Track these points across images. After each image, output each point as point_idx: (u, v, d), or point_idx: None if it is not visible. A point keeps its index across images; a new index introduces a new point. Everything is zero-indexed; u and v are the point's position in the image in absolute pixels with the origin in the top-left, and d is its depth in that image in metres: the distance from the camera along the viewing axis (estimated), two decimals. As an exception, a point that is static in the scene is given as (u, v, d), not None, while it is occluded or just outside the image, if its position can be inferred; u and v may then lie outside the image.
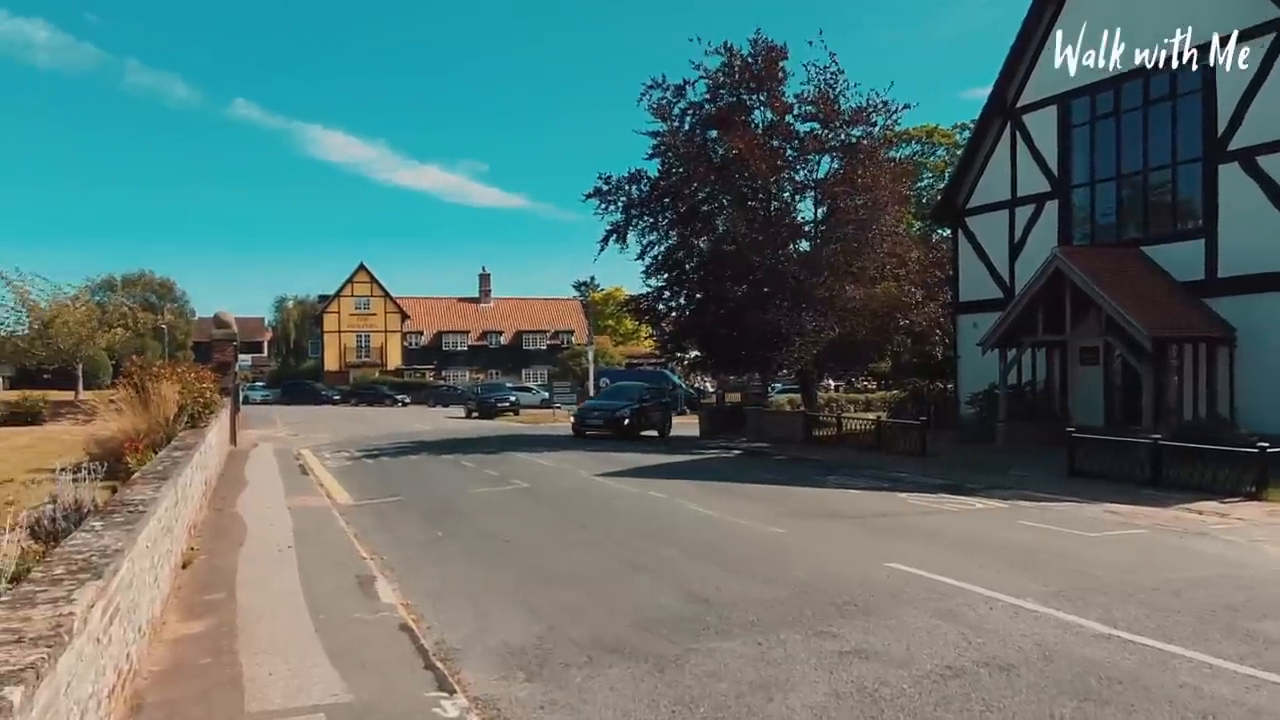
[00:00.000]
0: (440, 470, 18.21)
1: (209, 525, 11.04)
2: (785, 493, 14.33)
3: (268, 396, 61.21)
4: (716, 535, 10.24)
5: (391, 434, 29.95)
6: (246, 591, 7.49)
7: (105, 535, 4.85)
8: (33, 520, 6.54)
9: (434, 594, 7.68)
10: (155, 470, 7.75)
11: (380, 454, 22.21)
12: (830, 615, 6.67)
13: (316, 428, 33.44)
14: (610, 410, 27.17)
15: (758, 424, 26.10)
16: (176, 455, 9.21)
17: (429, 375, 70.63)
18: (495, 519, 11.84)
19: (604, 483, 15.65)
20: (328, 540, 10.11)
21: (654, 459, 20.17)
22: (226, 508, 12.65)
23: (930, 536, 10.16)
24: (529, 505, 13.11)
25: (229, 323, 25.86)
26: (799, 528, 10.70)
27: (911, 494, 14.09)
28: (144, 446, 10.83)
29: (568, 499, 13.74)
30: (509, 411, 44.02)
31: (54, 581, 3.82)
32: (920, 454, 19.93)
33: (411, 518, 12.16)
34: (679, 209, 26.33)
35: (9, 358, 40.53)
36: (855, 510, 12.25)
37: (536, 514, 12.27)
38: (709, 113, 25.97)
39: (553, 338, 75.80)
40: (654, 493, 14.03)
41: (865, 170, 24.96)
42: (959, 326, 24.76)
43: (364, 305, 72.19)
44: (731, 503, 12.93)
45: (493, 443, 25.42)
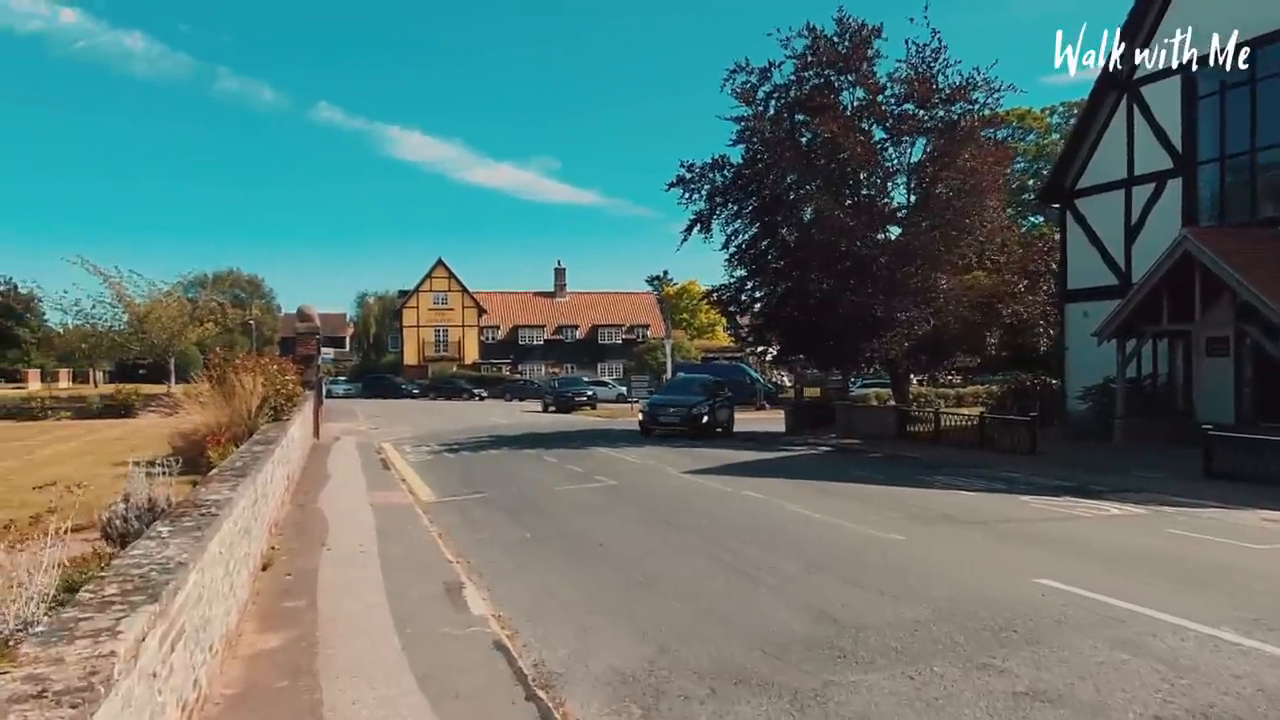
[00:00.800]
0: (522, 466, 17.67)
1: (291, 522, 10.63)
2: (891, 494, 13.27)
3: (349, 390, 62.19)
4: (829, 541, 9.32)
5: (470, 428, 29.72)
6: (328, 598, 6.93)
7: (171, 544, 4.26)
8: (105, 520, 6.07)
9: (528, 605, 7.00)
10: (233, 467, 7.26)
11: (460, 448, 21.85)
12: (988, 643, 5.72)
13: (397, 421, 33.51)
14: (686, 406, 24.84)
15: (847, 419, 24.92)
16: (257, 450, 8.76)
17: (505, 369, 70.91)
18: (585, 519, 11.14)
19: (695, 481, 14.84)
20: (411, 540, 9.55)
21: (742, 456, 19.28)
22: (309, 503, 12.28)
23: (1072, 546, 9.04)
24: (619, 504, 12.39)
25: (312, 316, 25.90)
26: (919, 534, 9.70)
27: (1032, 496, 12.88)
28: (225, 440, 10.49)
29: (659, 498, 12.96)
30: (586, 406, 43.59)
31: (103, 605, 3.20)
32: (1030, 452, 18.55)
33: (497, 517, 11.56)
34: (763, 197, 25.28)
35: (107, 353, 41.88)
36: (974, 514, 11.14)
37: (628, 514, 11.53)
38: (795, 96, 24.83)
39: (628, 332, 75.33)
40: (750, 492, 13.15)
41: (965, 151, 23.48)
42: (1066, 316, 23.13)
43: (442, 300, 72.89)
44: (836, 504, 11.96)
45: (573, 438, 24.87)
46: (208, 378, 12.43)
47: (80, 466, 12.78)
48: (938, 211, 24.00)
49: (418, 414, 39.09)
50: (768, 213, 25.31)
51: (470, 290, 73.77)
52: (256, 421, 11.66)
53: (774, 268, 26.24)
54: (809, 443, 23.30)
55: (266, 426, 11.39)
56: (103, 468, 12.06)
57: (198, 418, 11.73)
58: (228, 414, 11.44)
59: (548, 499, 13.05)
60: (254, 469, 7.42)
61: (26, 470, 13.05)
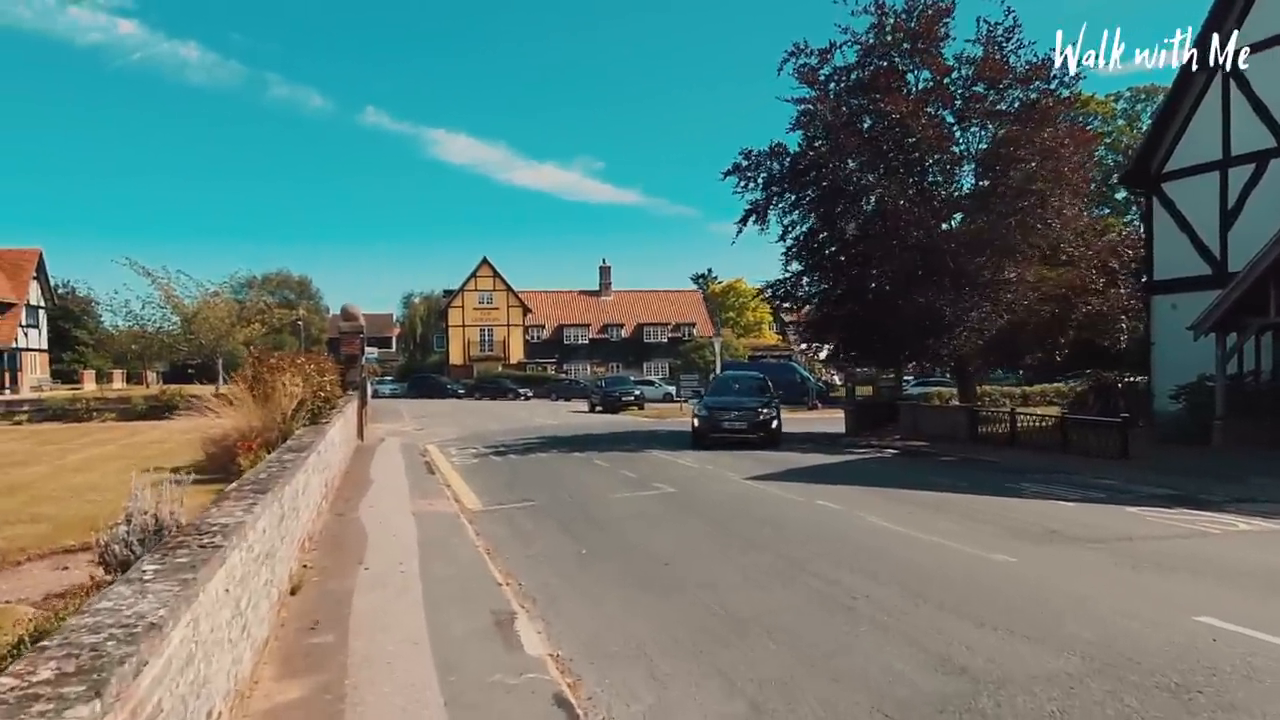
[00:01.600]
0: (572, 470, 16.73)
1: (328, 535, 9.79)
2: (980, 504, 12.04)
3: (396, 390, 62.15)
4: (929, 563, 8.17)
5: (517, 429, 28.93)
6: (361, 634, 6.00)
7: (151, 591, 3.34)
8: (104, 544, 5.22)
9: (590, 643, 6.00)
10: (255, 480, 6.39)
11: (507, 451, 21.02)
12: (1171, 710, 4.56)
13: (442, 422, 32.90)
14: (751, 409, 21.28)
15: (912, 420, 23.56)
16: (287, 459, 7.90)
17: (550, 369, 70.29)
18: (646, 532, 10.13)
19: (759, 488, 13.73)
20: (456, 556, 8.64)
21: (805, 459, 18.11)
22: (349, 512, 11.48)
23: (1217, 571, 7.78)
24: (681, 515, 11.35)
25: (356, 315, 25.32)
26: (1031, 555, 8.50)
27: (1139, 508, 11.54)
28: (258, 445, 9.69)
29: (724, 508, 11.89)
30: (633, 406, 42.61)
31: (26, 699, 2.26)
32: (1120, 457, 17.11)
33: (548, 528, 10.61)
34: (822, 186, 24.00)
35: (157, 354, 42.02)
36: (1086, 530, 9.88)
37: (692, 527, 10.48)
38: (858, 79, 23.51)
39: (674, 330, 74.18)
40: (824, 501, 12.01)
41: (1042, 134, 21.96)
42: (1152, 309, 21.51)
43: (487, 299, 72.50)
44: (924, 517, 10.78)
45: (623, 439, 23.90)
46: (242, 378, 11.67)
47: (109, 473, 12.14)
48: (1011, 199, 22.50)
49: (463, 414, 38.49)
50: (827, 203, 24.02)
51: (515, 289, 73.28)
52: (292, 425, 10.86)
53: (832, 262, 24.94)
54: (872, 445, 22.03)
55: (302, 431, 10.58)
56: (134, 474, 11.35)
57: (228, 422, 10.96)
58: (261, 417, 10.65)
59: (602, 508, 12.07)
60: (280, 482, 6.54)
61: (54, 476, 12.47)
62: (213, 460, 10.57)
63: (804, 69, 22.86)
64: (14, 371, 49.75)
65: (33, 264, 52.45)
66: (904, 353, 24.19)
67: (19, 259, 51.85)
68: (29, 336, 52.36)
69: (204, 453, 11.45)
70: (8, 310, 49.33)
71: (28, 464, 14.49)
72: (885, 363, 29.31)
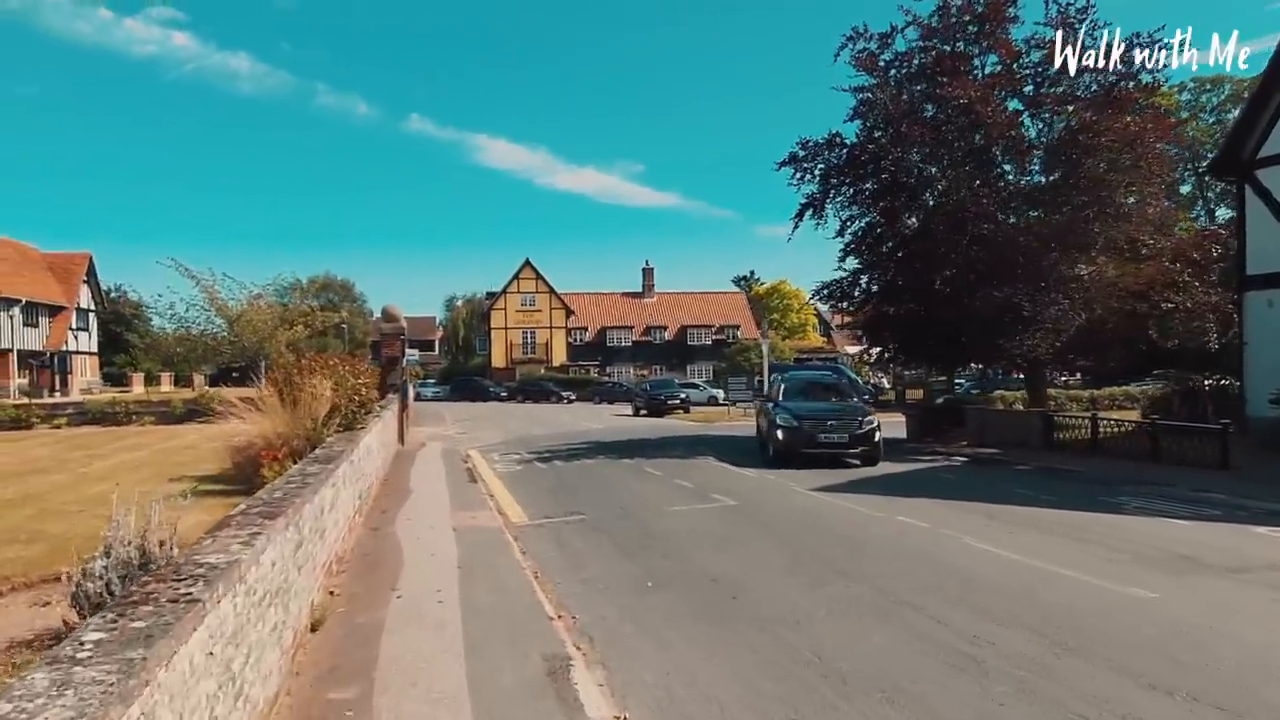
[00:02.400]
0: (623, 479, 15.70)
1: (360, 554, 8.87)
2: (1080, 522, 10.74)
3: (438, 393, 61.83)
4: (1052, 599, 6.96)
5: (561, 433, 28.03)
6: (389, 689, 5.00)
7: (76, 683, 2.35)
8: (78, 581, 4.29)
9: (662, 702, 4.94)
10: (266, 501, 5.45)
11: (552, 456, 20.08)
12: None
13: (485, 425, 32.14)
14: (851, 417, 17.51)
15: (980, 425, 22.12)
16: (310, 473, 6.97)
17: (593, 371, 69.45)
18: (711, 554, 9.04)
19: (829, 501, 12.56)
20: (501, 583, 7.64)
21: (873, 468, 16.85)
22: (385, 526, 10.57)
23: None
24: (748, 533, 10.23)
25: (397, 317, 24.60)
26: (1172, 590, 7.24)
27: (1268, 528, 10.17)
28: (284, 455, 8.80)
29: (796, 525, 10.74)
30: (679, 409, 41.50)
31: None
32: (1221, 467, 15.62)
33: (602, 547, 9.58)
34: (881, 179, 22.70)
35: (202, 356, 41.90)
36: (1220, 556, 8.57)
37: (764, 548, 9.36)
38: (920, 65, 22.18)
39: (718, 333, 72.90)
40: (905, 518, 10.81)
41: (1122, 121, 20.43)
42: (1245, 307, 19.86)
43: (529, 302, 71.90)
44: (1023, 537, 9.54)
45: (673, 445, 22.83)
46: (272, 381, 10.82)
47: (132, 483, 11.38)
48: (1087, 190, 20.99)
49: (506, 418, 37.74)
50: (886, 196, 22.71)
51: (558, 291, 72.59)
52: (323, 432, 9.97)
53: (892, 258, 23.58)
54: (938, 452, 20.66)
55: (333, 439, 9.69)
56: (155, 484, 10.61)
57: (252, 429, 10.11)
58: (289, 423, 9.78)
59: (659, 523, 11.00)
60: (298, 502, 5.59)
61: (72, 486, 11.79)
62: (239, 470, 9.75)
63: (862, 55, 21.60)
64: (64, 374, 50.25)
65: (83, 268, 52.99)
66: (972, 354, 22.75)
67: (69, 263, 52.41)
68: (79, 339, 52.90)
69: (232, 462, 10.65)
70: (58, 314, 49.85)
71: (49, 472, 13.90)
72: (949, 364, 27.89)
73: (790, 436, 17.20)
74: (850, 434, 17.08)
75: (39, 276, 49.16)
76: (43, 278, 49.55)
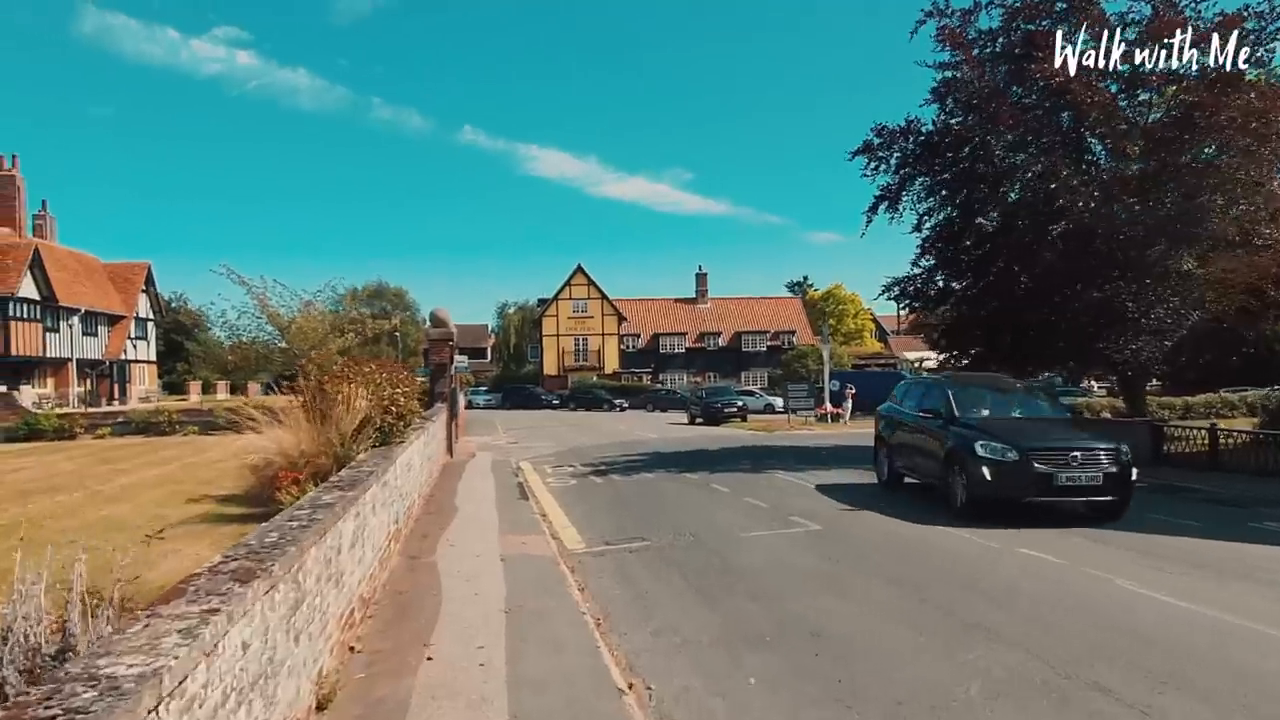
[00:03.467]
0: (689, 497, 14.26)
1: (391, 591, 7.59)
2: (1239, 554, 8.99)
3: (490, 401, 61.20)
4: (1272, 669, 5.34)
5: (616, 443, 26.70)
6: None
7: None
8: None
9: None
10: (253, 550, 4.14)
11: (609, 470, 18.72)
12: None
13: (537, 435, 30.99)
14: (1094, 451, 11.18)
15: (1079, 437, 20.03)
16: (325, 503, 5.66)
17: (645, 378, 68.15)
18: (808, 597, 7.54)
19: (929, 529, 10.92)
20: (557, 636, 6.26)
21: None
22: (424, 554, 9.30)
23: None
24: (847, 569, 8.68)
25: (445, 321, 23.53)
26: None
27: None
28: (306, 475, 7.56)
29: (898, 559, 9.16)
30: (736, 418, 39.87)
31: None
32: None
33: (674, 585, 8.15)
34: (961, 167, 20.89)
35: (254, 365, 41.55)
36: None
37: (870, 589, 7.82)
38: (1004, 45, 20.36)
39: (773, 339, 71.07)
40: (1030, 550, 9.15)
41: (1237, 100, 18.36)
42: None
43: (582, 308, 70.91)
44: (1186, 579, 7.84)
45: (737, 457, 21.31)
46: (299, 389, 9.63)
47: (146, 504, 10.41)
48: (1195, 176, 18.94)
49: (558, 426, 36.57)
50: (965, 188, 20.90)
51: (610, 297, 71.44)
52: (352, 449, 8.71)
53: (973, 256, 21.72)
54: (1031, 466, 18.76)
55: (365, 456, 8.44)
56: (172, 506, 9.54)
57: (270, 445, 8.90)
58: (313, 439, 8.56)
59: (736, 553, 9.53)
60: (297, 548, 4.28)
61: (78, 509, 10.74)
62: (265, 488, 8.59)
63: (945, 30, 19.84)
64: (123, 383, 50.64)
65: (142, 277, 53.42)
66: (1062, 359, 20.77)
67: (129, 272, 52.88)
68: (137, 348, 53.31)
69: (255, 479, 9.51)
70: (117, 323, 50.24)
71: (63, 490, 12.95)
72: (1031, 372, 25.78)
73: (1007, 478, 10.97)
74: (1105, 475, 11.00)
75: (99, 286, 49.62)
76: (102, 287, 50.01)
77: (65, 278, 44.89)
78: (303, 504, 5.65)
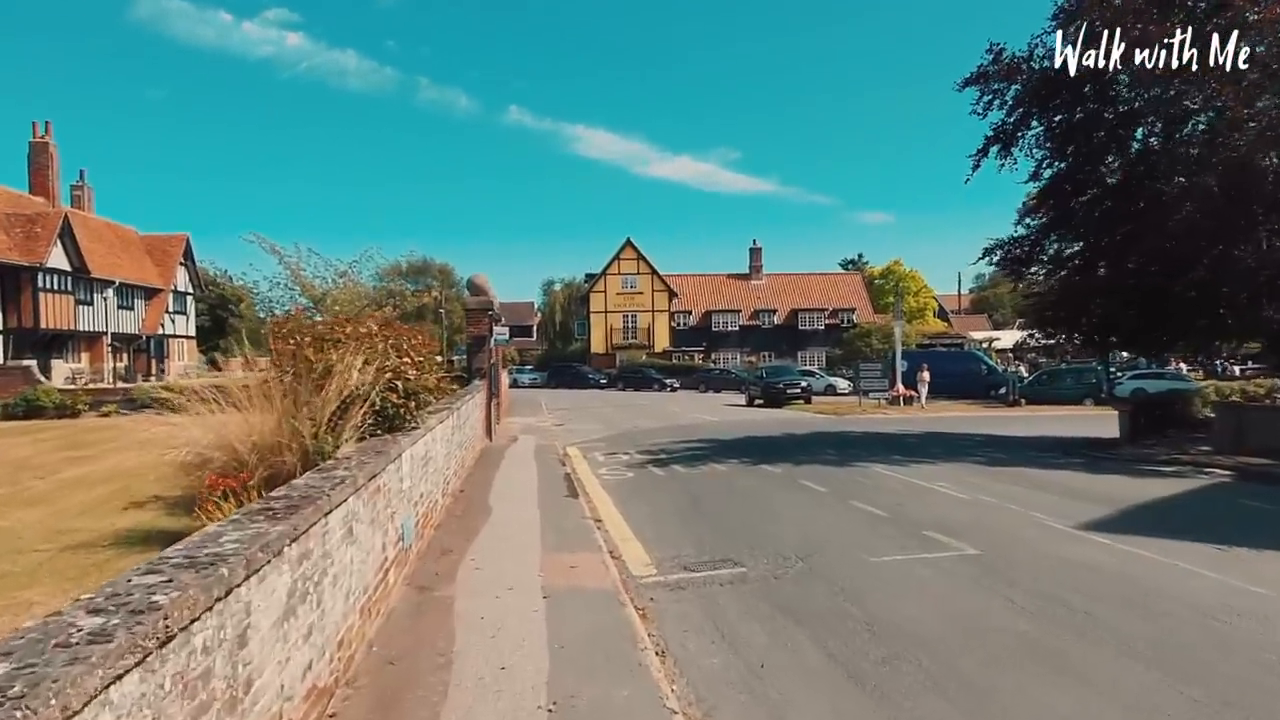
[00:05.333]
0: (778, 498, 11.48)
1: (380, 659, 5.00)
2: None
3: (535, 380, 58.97)
4: None
5: (672, 426, 24.04)
6: None
7: None
8: None
9: None
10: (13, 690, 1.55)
11: (670, 459, 16.03)
12: None
13: (584, 416, 28.44)
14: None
15: (1235, 425, 16.78)
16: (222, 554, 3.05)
17: (697, 357, 65.14)
18: (1024, 689, 4.75)
19: (1114, 549, 7.98)
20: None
21: (1127, 489, 12.12)
22: (439, 584, 6.74)
23: None
24: (1058, 634, 5.85)
25: (484, 288, 21.00)
26: None
27: None
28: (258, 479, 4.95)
29: (1118, 608, 6.27)
30: (799, 399, 36.86)
31: None
32: None
33: (803, 654, 5.42)
34: (1089, 108, 17.58)
35: (287, 339, 39.70)
36: None
37: (1125, 678, 5.00)
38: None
39: (830, 316, 67.48)
40: (1265, 590, 6.26)
41: None
42: None
43: (631, 284, 68.01)
44: None
45: (815, 445, 18.47)
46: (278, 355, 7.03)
47: (70, 508, 8.05)
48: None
49: (607, 407, 33.98)
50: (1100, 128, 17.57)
51: (660, 273, 68.44)
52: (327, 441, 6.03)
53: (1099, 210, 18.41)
54: (1176, 459, 15.61)
55: (350, 450, 5.84)
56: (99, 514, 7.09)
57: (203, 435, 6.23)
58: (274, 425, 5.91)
59: (876, 595, 6.72)
60: None
61: None
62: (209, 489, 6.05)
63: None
64: (161, 358, 49.27)
65: (179, 250, 51.90)
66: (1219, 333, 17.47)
67: (166, 245, 51.39)
68: (175, 323, 51.91)
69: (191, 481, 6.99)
70: (154, 296, 48.79)
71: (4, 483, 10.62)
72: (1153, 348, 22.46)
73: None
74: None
75: (135, 258, 48.15)
76: (139, 259, 48.55)
77: (100, 249, 43.39)
78: (209, 534, 3.01)
